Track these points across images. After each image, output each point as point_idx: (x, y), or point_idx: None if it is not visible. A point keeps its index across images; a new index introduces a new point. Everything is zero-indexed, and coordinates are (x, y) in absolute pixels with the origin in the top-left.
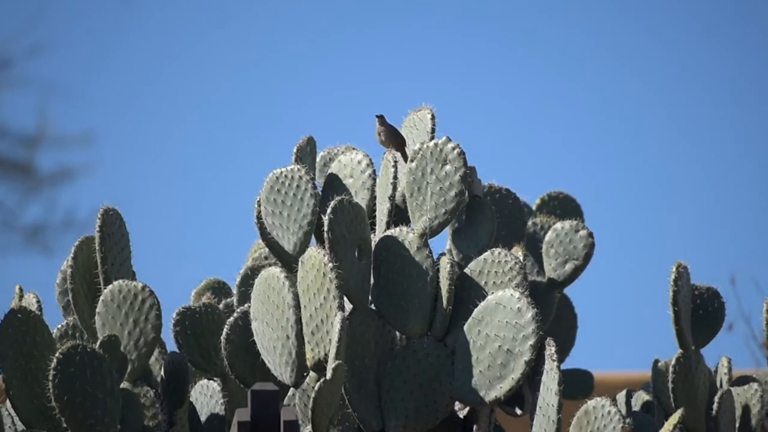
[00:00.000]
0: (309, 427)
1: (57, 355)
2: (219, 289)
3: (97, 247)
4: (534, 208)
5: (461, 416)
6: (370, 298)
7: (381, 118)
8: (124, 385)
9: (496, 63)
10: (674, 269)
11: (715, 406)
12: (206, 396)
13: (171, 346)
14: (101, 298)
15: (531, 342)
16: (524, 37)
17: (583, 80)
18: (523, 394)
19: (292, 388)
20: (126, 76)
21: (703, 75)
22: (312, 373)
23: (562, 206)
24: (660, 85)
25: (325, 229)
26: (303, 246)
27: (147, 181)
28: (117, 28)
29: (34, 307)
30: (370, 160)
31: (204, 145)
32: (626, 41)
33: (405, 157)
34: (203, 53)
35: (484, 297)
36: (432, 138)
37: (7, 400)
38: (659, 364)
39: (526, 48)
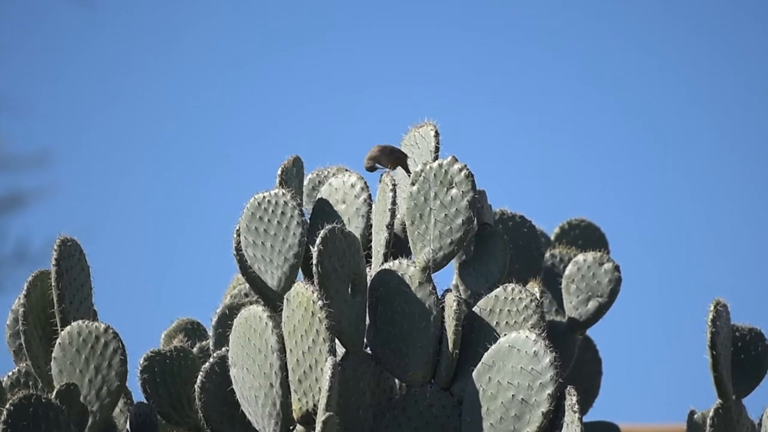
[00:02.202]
0: None
1: (7, 406)
2: (193, 330)
3: (53, 283)
4: (552, 237)
5: None
6: (365, 340)
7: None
8: None
9: (507, 74)
10: (712, 307)
11: None
12: None
13: (138, 395)
14: (58, 341)
15: (549, 391)
16: (540, 46)
17: (609, 91)
18: None
19: None
20: (87, 89)
21: (745, 92)
22: (299, 427)
23: (584, 235)
24: (698, 98)
25: (314, 262)
26: (289, 281)
27: (110, 207)
28: (76, 35)
29: None
30: (365, 183)
31: (175, 166)
32: (656, 51)
33: (408, 172)
34: (174, 62)
35: (495, 339)
36: (436, 158)
37: None
38: (695, 416)
39: (541, 57)
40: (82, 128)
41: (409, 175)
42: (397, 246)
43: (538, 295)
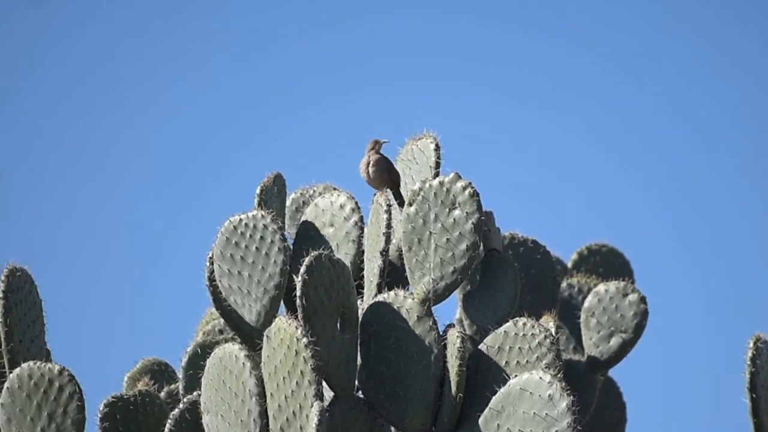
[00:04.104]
0: None
1: None
2: (160, 372)
3: (0, 319)
4: (569, 264)
5: None
6: (356, 383)
7: (375, 144)
8: None
9: (516, 79)
10: (751, 344)
11: None
12: None
13: None
14: (6, 385)
15: None
16: (558, 53)
17: (634, 100)
18: None
19: None
20: (39, 98)
21: None
22: None
23: (606, 262)
24: (734, 108)
25: (298, 293)
26: (269, 316)
27: (64, 231)
28: (27, 37)
29: None
30: (356, 203)
31: (139, 186)
32: (686, 59)
33: (400, 199)
34: (137, 70)
35: (505, 381)
36: (436, 174)
37: None
38: None
39: (557, 63)
40: (33, 143)
41: (400, 201)
42: (393, 275)
43: (553, 330)
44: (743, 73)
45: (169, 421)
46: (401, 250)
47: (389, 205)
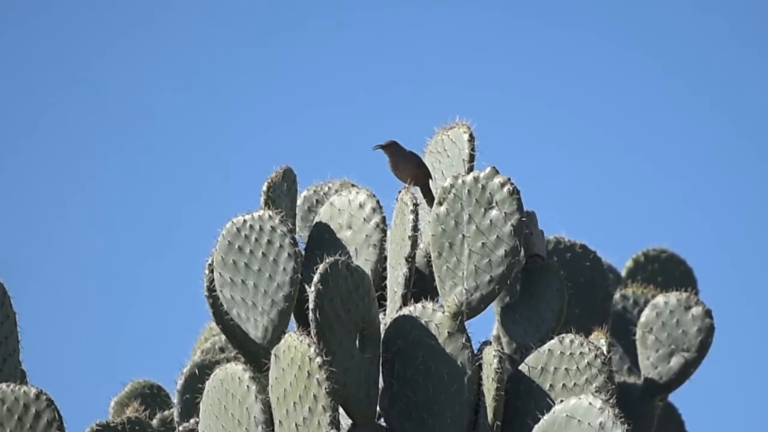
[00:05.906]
0: None
1: None
2: (152, 396)
3: None
4: (624, 273)
5: None
6: (378, 409)
7: (393, 144)
8: None
9: (561, 66)
10: None
11: None
12: None
13: None
14: None
15: None
16: (614, 41)
17: (700, 91)
18: None
19: None
20: (22, 93)
21: None
22: None
23: (666, 270)
24: None
25: (311, 306)
26: (277, 331)
27: (42, 234)
28: (15, 29)
29: None
30: (378, 202)
31: (129, 184)
32: (750, 61)
33: (429, 197)
34: (130, 56)
35: (549, 407)
36: (470, 169)
37: None
38: None
39: (607, 52)
40: (10, 142)
41: (429, 200)
42: (420, 285)
43: (605, 348)
44: None
45: None
46: (430, 256)
47: (416, 204)
